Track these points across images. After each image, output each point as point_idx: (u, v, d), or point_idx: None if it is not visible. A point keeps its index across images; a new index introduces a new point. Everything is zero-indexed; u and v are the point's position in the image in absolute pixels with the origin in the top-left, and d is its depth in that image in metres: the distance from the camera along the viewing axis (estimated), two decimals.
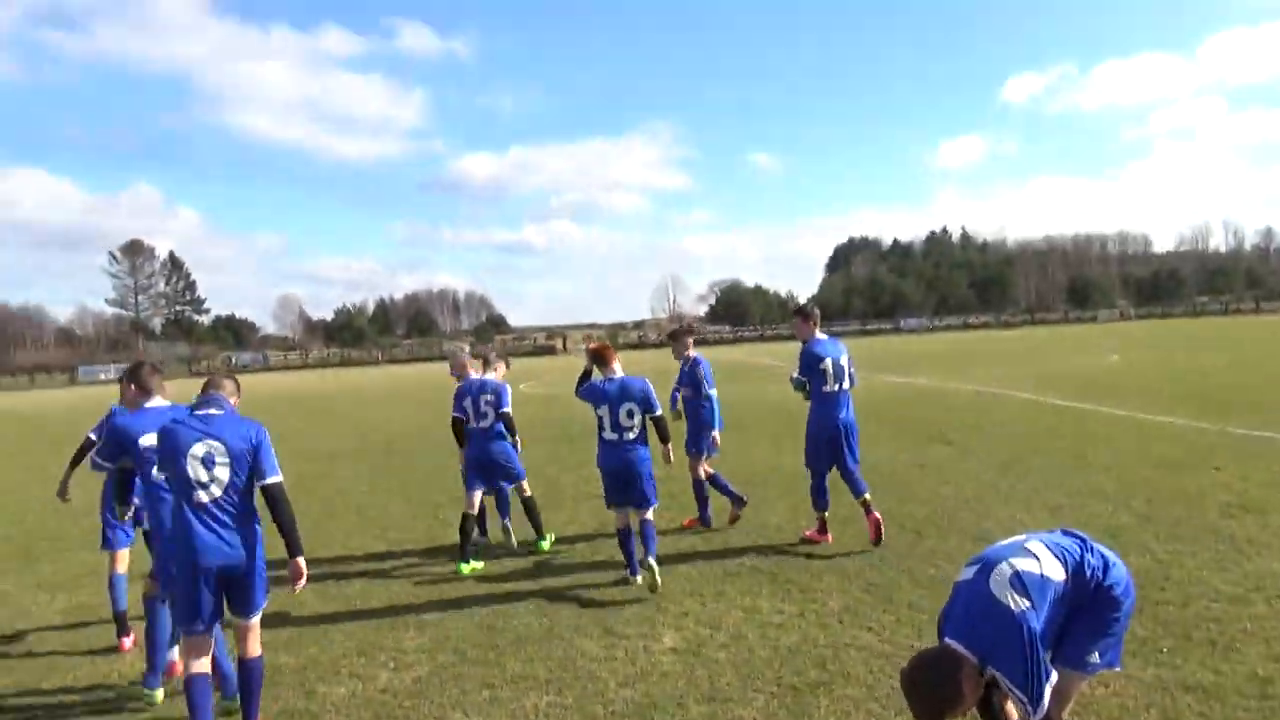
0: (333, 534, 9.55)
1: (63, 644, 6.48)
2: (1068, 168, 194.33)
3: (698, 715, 4.68)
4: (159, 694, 5.30)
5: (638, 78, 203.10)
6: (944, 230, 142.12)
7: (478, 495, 8.09)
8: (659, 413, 7.24)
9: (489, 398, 8.17)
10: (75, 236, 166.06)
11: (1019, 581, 3.35)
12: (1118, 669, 3.83)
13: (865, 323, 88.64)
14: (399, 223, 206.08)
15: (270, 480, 4.64)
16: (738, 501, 8.91)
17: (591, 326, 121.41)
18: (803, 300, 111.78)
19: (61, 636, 6.68)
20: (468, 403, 8.20)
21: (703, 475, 8.88)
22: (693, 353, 9.02)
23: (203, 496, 4.51)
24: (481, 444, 8.15)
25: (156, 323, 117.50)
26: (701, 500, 8.90)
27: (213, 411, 4.72)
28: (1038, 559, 3.45)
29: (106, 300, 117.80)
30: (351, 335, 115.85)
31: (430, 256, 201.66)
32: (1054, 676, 3.29)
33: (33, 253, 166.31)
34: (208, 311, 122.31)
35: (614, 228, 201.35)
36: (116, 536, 6.32)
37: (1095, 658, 3.51)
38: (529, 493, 8.54)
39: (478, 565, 7.86)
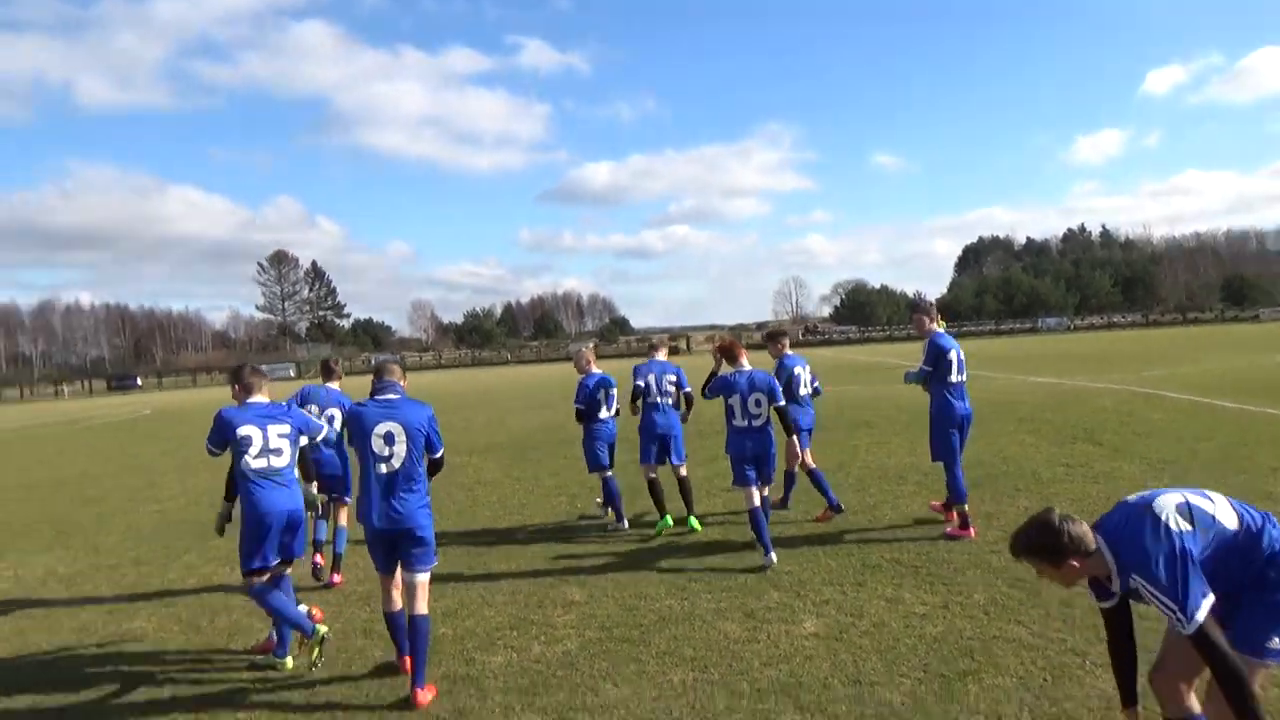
0: (478, 520, 9.99)
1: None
2: (1216, 162, 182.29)
3: (843, 696, 4.74)
4: (288, 661, 5.80)
5: (755, 82, 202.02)
6: (1082, 228, 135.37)
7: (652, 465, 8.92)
8: (783, 403, 7.71)
9: (670, 377, 9.04)
10: (227, 248, 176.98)
11: (1186, 508, 3.40)
12: None
13: (1000, 323, 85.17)
14: (523, 229, 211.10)
15: (437, 454, 5.58)
16: (783, 503, 9.43)
17: (713, 327, 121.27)
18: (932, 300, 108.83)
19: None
20: (650, 379, 8.99)
21: (812, 463, 9.23)
22: (788, 353, 9.48)
23: (383, 468, 5.26)
24: (661, 419, 8.93)
25: (302, 326, 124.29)
26: (822, 488, 9.01)
27: (391, 396, 5.49)
28: (1213, 502, 3.47)
29: (256, 306, 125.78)
30: (481, 337, 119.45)
31: (553, 261, 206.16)
32: (1210, 597, 3.24)
33: (191, 264, 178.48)
34: (348, 316, 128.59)
35: (733, 231, 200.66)
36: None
37: (1276, 643, 3.39)
38: (685, 473, 9.04)
39: (668, 523, 8.76)
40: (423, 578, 5.27)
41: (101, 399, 67.57)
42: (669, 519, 8.79)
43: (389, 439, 5.29)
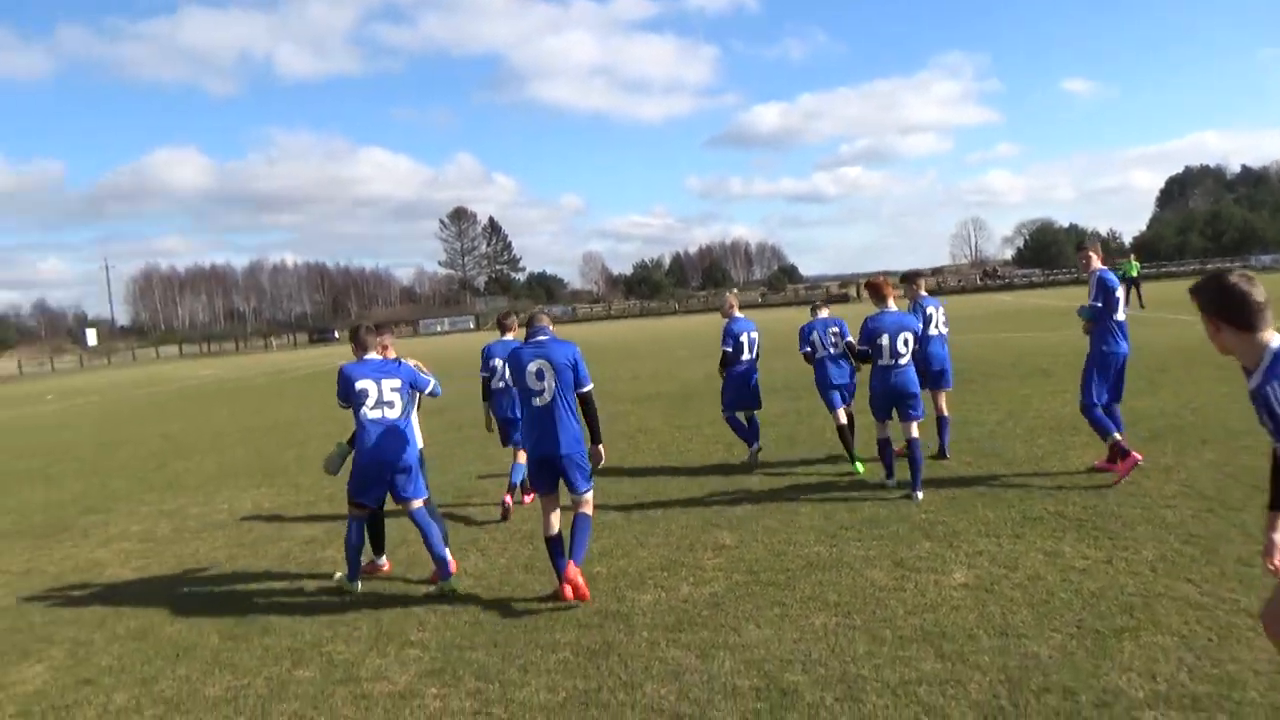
0: (637, 466, 10.33)
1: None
2: None
3: (989, 647, 4.68)
4: (359, 585, 6.57)
5: (933, 8, 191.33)
6: None
7: (842, 411, 9.30)
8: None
9: (834, 329, 9.39)
10: (412, 207, 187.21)
11: None
12: None
13: (1205, 261, 77.65)
14: (691, 177, 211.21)
15: (586, 388, 6.06)
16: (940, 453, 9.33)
17: (885, 273, 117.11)
18: (1127, 240, 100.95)
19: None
20: (815, 337, 9.38)
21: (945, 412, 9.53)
22: (924, 294, 9.69)
23: (537, 401, 5.97)
24: (835, 369, 9.33)
25: (480, 281, 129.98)
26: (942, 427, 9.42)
27: (541, 339, 6.15)
28: None
29: (439, 262, 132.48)
30: (649, 288, 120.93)
31: (722, 209, 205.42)
32: None
33: (381, 223, 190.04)
34: (523, 270, 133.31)
35: (908, 171, 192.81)
36: (515, 434, 8.46)
37: None
38: (844, 420, 9.29)
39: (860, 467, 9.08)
40: (585, 495, 6.06)
41: (304, 351, 73.56)
42: (859, 465, 9.09)
43: (539, 375, 5.97)
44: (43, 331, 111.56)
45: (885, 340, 7.92)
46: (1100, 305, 8.08)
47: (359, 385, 6.43)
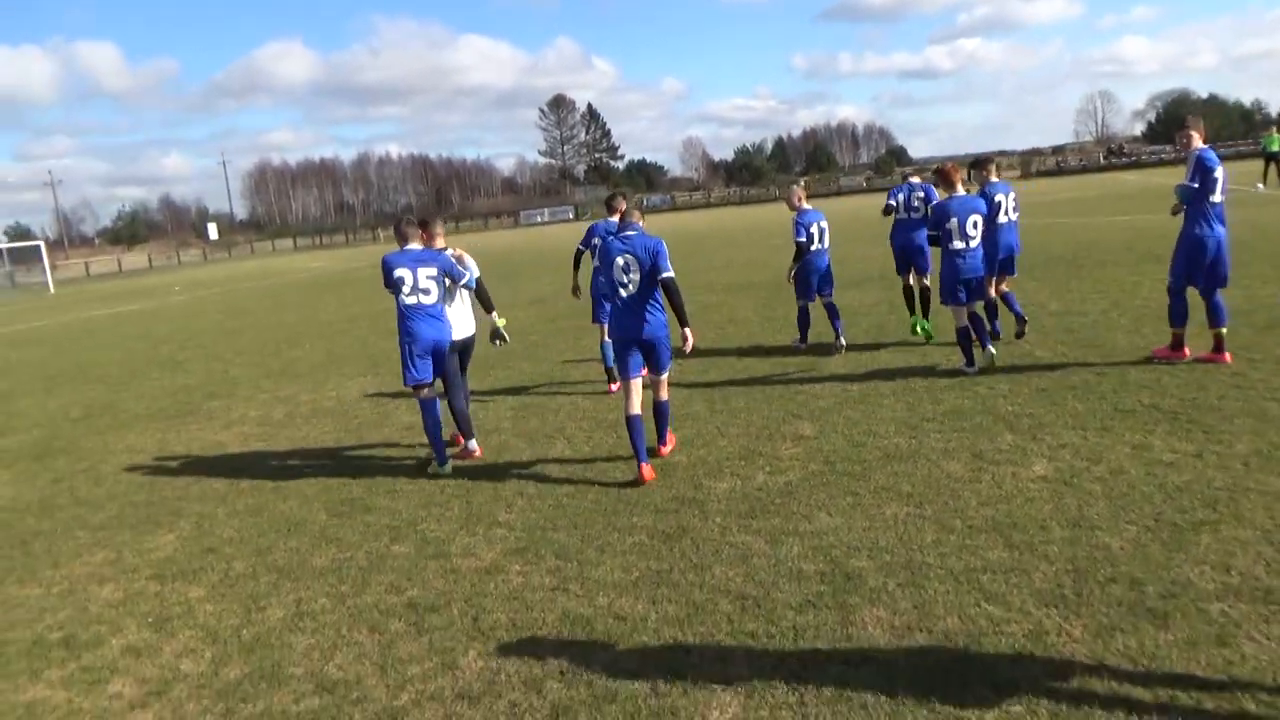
0: (725, 356, 10.42)
1: (511, 430, 8.01)
2: None
3: (1058, 538, 4.68)
4: (448, 467, 7.04)
5: None
6: None
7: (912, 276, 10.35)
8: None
9: (920, 195, 10.18)
10: (512, 96, 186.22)
11: None
12: None
13: None
14: (799, 56, 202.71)
15: (664, 275, 6.32)
16: (1020, 320, 9.49)
17: (1001, 154, 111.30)
18: (1274, 111, 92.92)
19: (512, 425, 8.24)
20: (900, 198, 10.26)
21: (994, 295, 9.41)
22: (994, 179, 9.60)
23: (624, 291, 6.39)
24: (912, 232, 10.16)
25: (580, 170, 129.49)
26: (991, 312, 9.38)
27: (630, 233, 6.53)
28: None
29: (539, 151, 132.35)
30: (751, 174, 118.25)
31: (829, 89, 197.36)
32: None
33: (482, 112, 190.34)
34: (622, 158, 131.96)
35: (1033, 40, 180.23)
36: (600, 314, 8.88)
37: None
38: (911, 282, 10.39)
39: (927, 325, 10.16)
40: (663, 377, 6.60)
41: None
42: (919, 326, 10.21)
43: (626, 268, 6.38)
44: (169, 226, 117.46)
45: (954, 223, 8.22)
46: (1197, 186, 7.70)
47: (396, 273, 6.91)
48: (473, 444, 7.39)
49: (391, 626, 4.49)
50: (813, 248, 9.90)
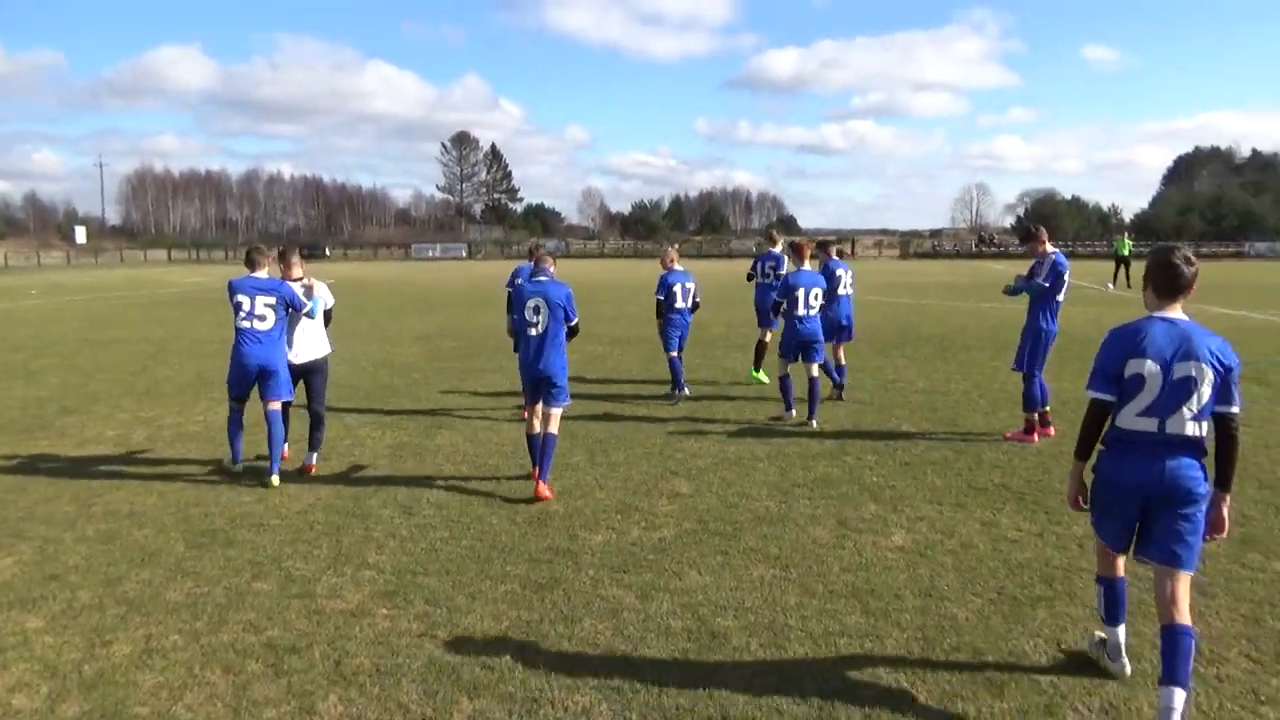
0: (606, 410, 10.54)
1: (388, 469, 7.89)
2: None
3: (911, 606, 4.95)
4: (240, 466, 7.82)
5: None
6: None
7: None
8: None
9: (771, 263, 11.83)
10: (415, 127, 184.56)
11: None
12: None
13: (1201, 244, 77.74)
14: (700, 119, 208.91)
15: (571, 322, 7.13)
16: (836, 386, 10.83)
17: (884, 232, 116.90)
18: (1127, 217, 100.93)
19: (388, 463, 8.11)
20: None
21: (838, 357, 10.57)
22: (834, 258, 11.16)
23: (533, 331, 7.04)
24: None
25: (477, 208, 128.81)
26: (841, 372, 11.04)
27: (542, 279, 7.22)
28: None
29: (437, 186, 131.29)
30: (646, 229, 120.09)
31: (727, 154, 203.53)
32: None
33: (382, 141, 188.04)
34: (521, 200, 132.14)
35: (919, 129, 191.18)
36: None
37: None
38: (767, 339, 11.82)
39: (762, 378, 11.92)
40: (556, 411, 7.13)
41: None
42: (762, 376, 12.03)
43: (536, 310, 7.04)
44: (32, 225, 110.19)
45: (800, 294, 9.41)
46: (1049, 285, 8.48)
47: (236, 298, 7.52)
48: (313, 456, 7.98)
49: (248, 667, 4.35)
50: (676, 305, 10.96)
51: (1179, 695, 3.55)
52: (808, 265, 9.71)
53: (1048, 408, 8.80)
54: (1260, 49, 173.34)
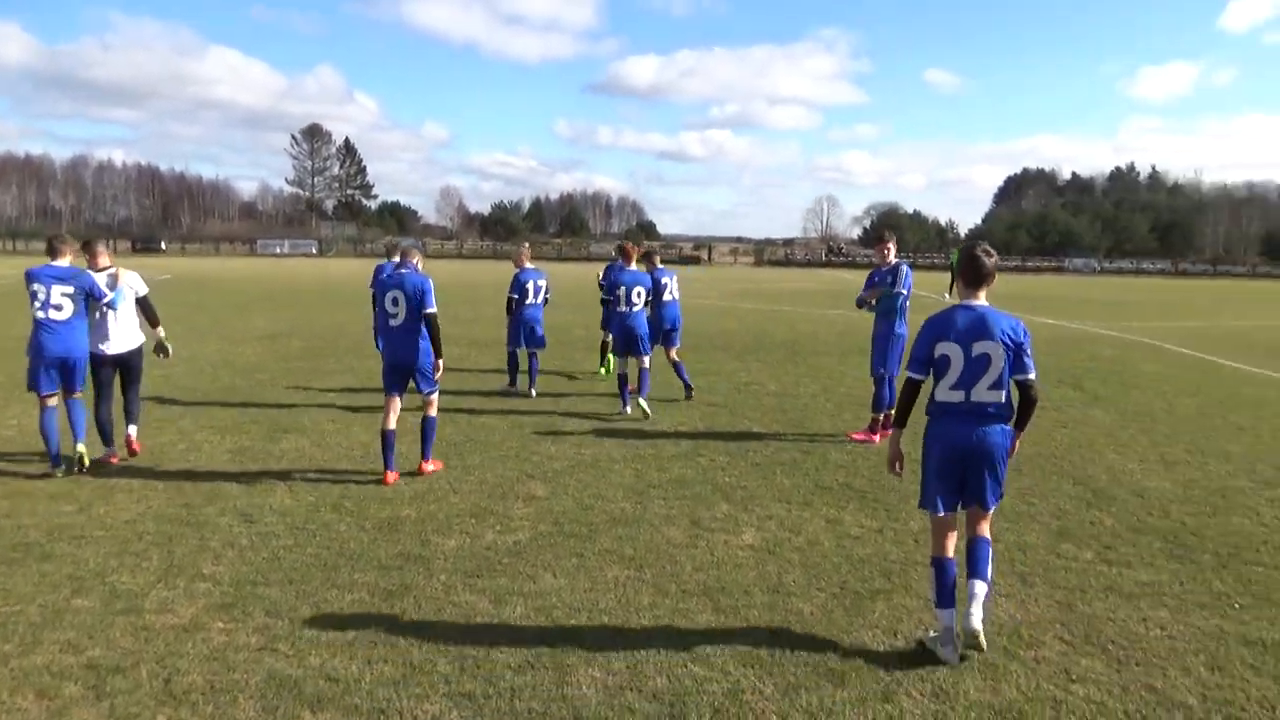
0: (461, 411, 10.36)
1: (227, 475, 7.48)
2: None
3: (759, 603, 5.10)
4: (61, 470, 7.39)
5: None
6: (1131, 167, 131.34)
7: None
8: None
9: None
10: (262, 117, 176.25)
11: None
12: None
13: (1026, 259, 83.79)
14: (562, 122, 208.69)
15: (428, 311, 7.31)
16: (687, 388, 11.26)
17: (739, 240, 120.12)
18: (963, 231, 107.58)
19: (228, 469, 7.70)
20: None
21: (672, 358, 11.42)
22: (660, 266, 11.44)
23: (392, 321, 7.33)
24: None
25: (329, 204, 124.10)
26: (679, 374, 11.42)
27: (404, 270, 7.42)
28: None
29: (286, 180, 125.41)
30: (506, 230, 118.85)
31: (588, 158, 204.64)
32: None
33: (226, 130, 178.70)
34: (376, 197, 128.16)
35: (774, 141, 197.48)
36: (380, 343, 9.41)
37: None
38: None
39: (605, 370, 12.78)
40: (429, 396, 7.55)
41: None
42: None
43: (395, 301, 7.31)
44: None
45: (623, 291, 10.12)
46: (907, 292, 8.97)
47: (33, 287, 7.32)
48: (113, 448, 7.82)
49: (65, 690, 4.02)
50: (527, 302, 11.48)
51: (980, 584, 4.49)
52: (634, 266, 10.45)
53: (893, 409, 9.20)
54: (1076, 81, 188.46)
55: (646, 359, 10.31)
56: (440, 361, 7.49)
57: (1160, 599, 5.28)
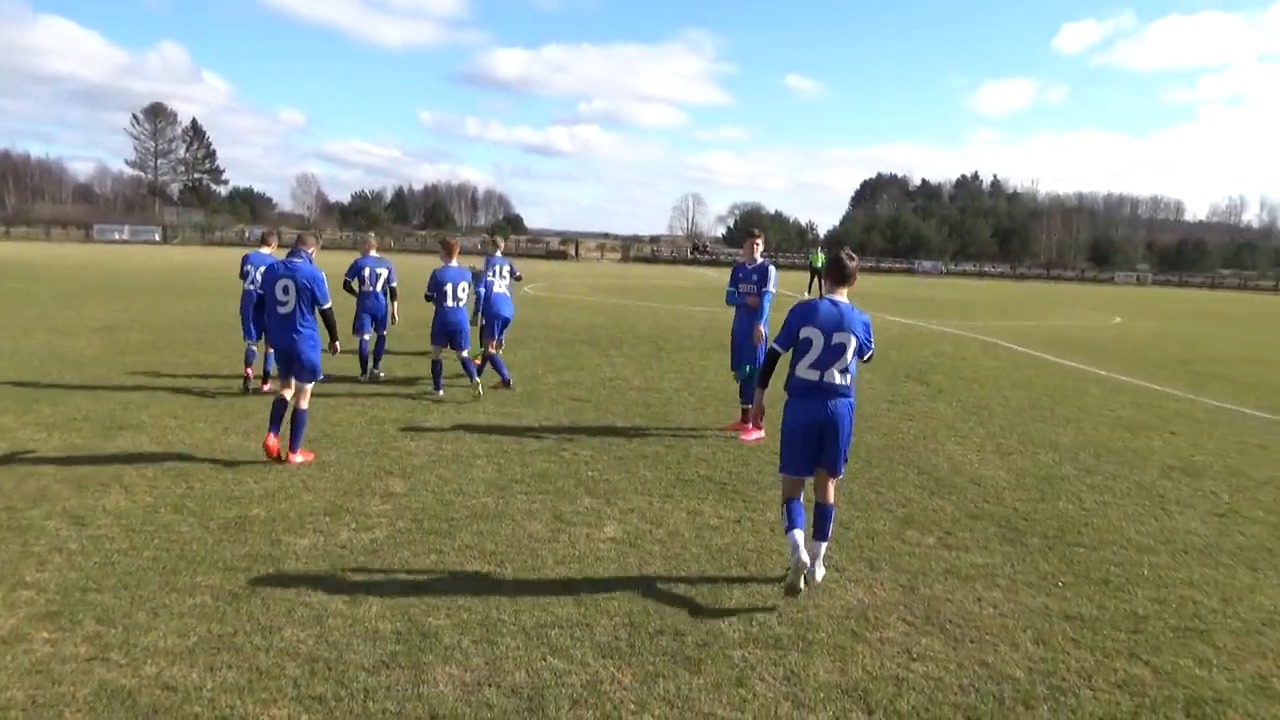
0: (320, 406, 9.99)
1: (54, 476, 6.96)
2: (1112, 124, 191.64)
3: (620, 594, 5.15)
4: None
5: None
6: (975, 176, 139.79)
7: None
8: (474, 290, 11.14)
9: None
10: (100, 94, 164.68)
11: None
12: None
13: (880, 260, 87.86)
14: (426, 112, 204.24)
15: (324, 307, 7.72)
16: (505, 382, 11.33)
17: (606, 236, 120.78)
18: (821, 233, 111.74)
19: (56, 470, 7.16)
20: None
21: (492, 351, 11.57)
22: (495, 255, 11.81)
23: (280, 310, 7.59)
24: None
25: (174, 188, 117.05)
26: (498, 368, 11.37)
27: (296, 260, 7.66)
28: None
29: (126, 161, 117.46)
30: (366, 220, 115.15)
31: (454, 149, 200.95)
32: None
33: (58, 106, 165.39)
34: (226, 183, 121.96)
35: (641, 138, 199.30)
36: (251, 331, 10.67)
37: None
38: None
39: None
40: (306, 387, 7.69)
41: None
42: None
43: (285, 290, 7.58)
44: None
45: (449, 288, 10.37)
46: (771, 291, 9.15)
47: None
48: None
49: None
50: (365, 289, 11.67)
51: (823, 545, 5.31)
52: (455, 262, 10.67)
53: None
54: (926, 91, 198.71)
55: (465, 352, 10.62)
56: (338, 344, 8.02)
57: (994, 580, 5.64)
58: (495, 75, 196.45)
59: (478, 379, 10.66)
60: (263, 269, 8.33)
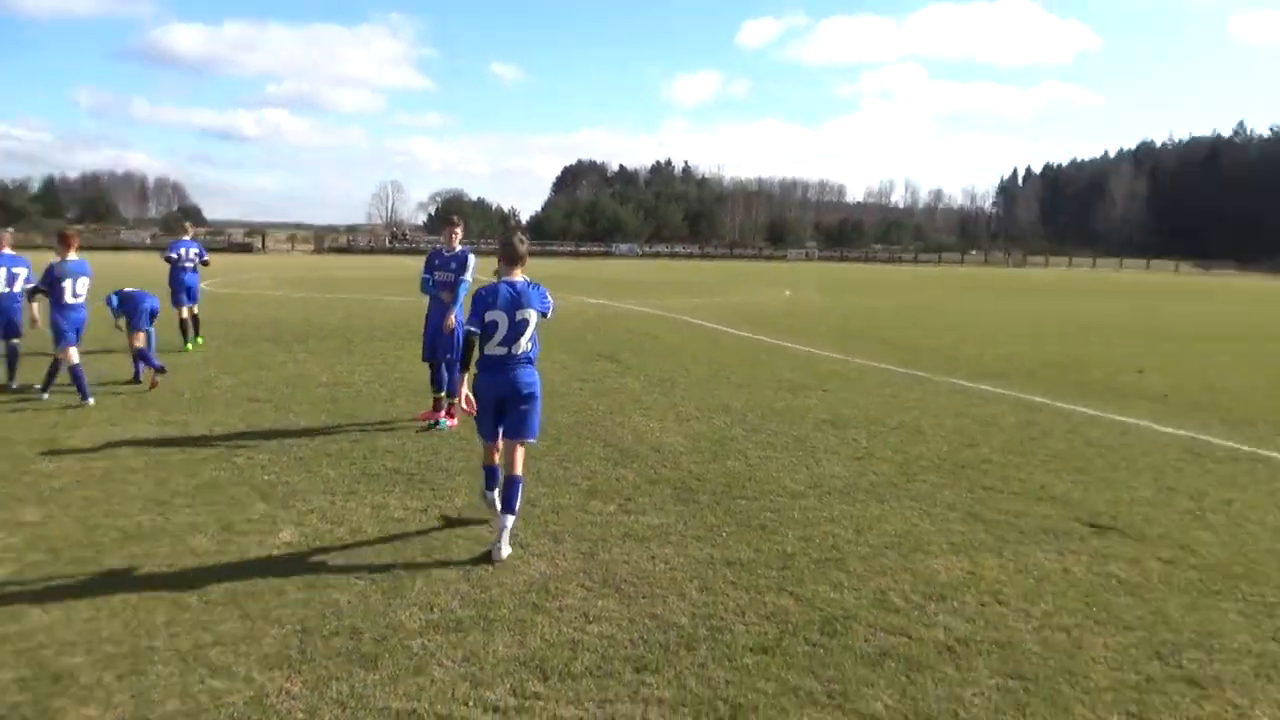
0: None
1: None
2: (789, 115, 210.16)
3: (292, 601, 4.89)
4: None
5: None
6: (668, 162, 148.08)
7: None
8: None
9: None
10: None
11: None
12: None
13: (580, 244, 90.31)
14: (83, 90, 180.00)
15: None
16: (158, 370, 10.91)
17: (299, 227, 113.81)
18: (524, 218, 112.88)
19: None
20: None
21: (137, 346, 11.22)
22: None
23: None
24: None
25: None
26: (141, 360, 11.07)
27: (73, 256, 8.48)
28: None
29: None
30: (8, 215, 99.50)
31: (119, 133, 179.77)
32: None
33: None
34: None
35: (337, 123, 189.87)
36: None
37: None
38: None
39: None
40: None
41: None
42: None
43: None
44: None
45: (68, 284, 9.85)
46: (468, 280, 9.03)
47: None
48: None
49: None
50: (3, 290, 10.68)
51: (510, 518, 5.64)
52: (72, 255, 9.99)
53: (450, 392, 9.24)
54: (624, 80, 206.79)
55: (74, 350, 9.85)
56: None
57: (667, 538, 6.02)
58: (170, 52, 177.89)
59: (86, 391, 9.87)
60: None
